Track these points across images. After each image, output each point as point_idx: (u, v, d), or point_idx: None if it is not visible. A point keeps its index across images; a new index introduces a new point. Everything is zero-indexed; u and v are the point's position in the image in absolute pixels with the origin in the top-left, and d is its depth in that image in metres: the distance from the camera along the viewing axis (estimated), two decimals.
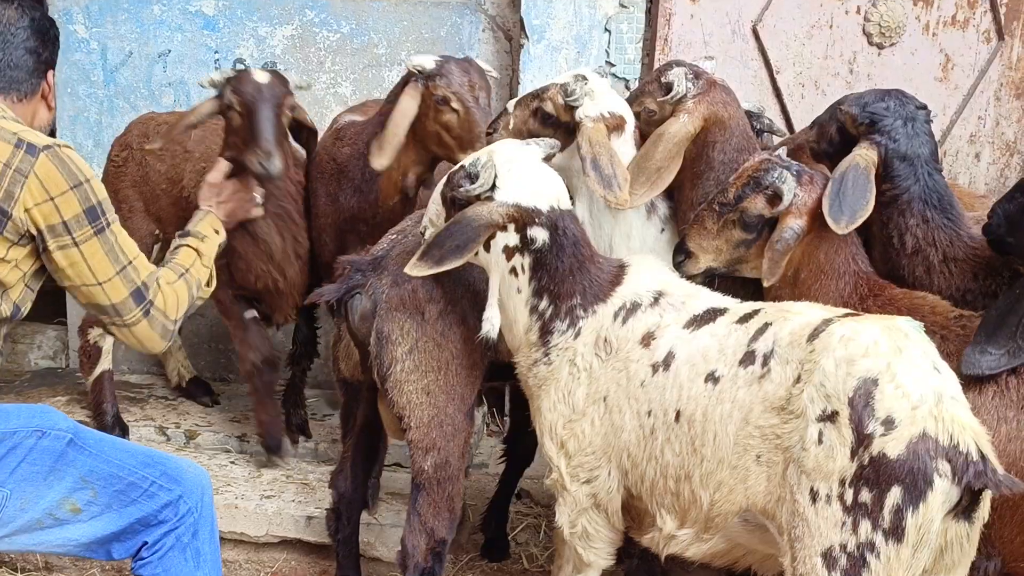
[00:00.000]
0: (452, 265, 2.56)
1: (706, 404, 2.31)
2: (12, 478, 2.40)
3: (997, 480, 2.03)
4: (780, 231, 2.64)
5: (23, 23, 2.63)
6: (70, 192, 2.43)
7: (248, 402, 4.41)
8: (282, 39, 4.34)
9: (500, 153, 2.63)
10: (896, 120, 2.89)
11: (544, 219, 2.56)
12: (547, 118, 3.02)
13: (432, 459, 2.89)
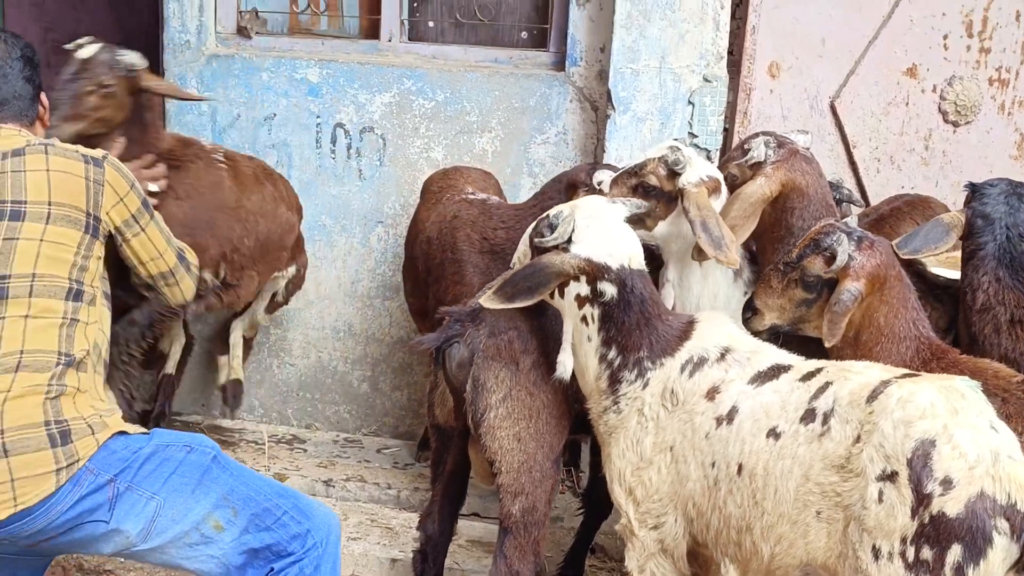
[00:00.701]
0: (522, 303, 2.79)
1: (767, 459, 2.42)
2: (165, 488, 2.57)
3: None
4: (838, 293, 2.75)
5: (15, 55, 2.91)
6: (131, 191, 2.89)
7: (334, 449, 4.63)
8: (380, 105, 4.59)
9: (583, 208, 2.83)
10: (994, 189, 3.07)
11: (613, 275, 2.74)
12: (649, 190, 3.19)
13: (520, 503, 3.02)
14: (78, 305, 2.70)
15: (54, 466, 2.48)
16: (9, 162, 2.71)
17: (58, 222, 2.71)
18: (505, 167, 4.55)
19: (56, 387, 2.56)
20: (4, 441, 2.47)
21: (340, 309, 4.80)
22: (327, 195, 4.71)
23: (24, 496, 2.47)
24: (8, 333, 2.59)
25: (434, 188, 4.14)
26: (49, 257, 2.68)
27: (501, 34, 4.76)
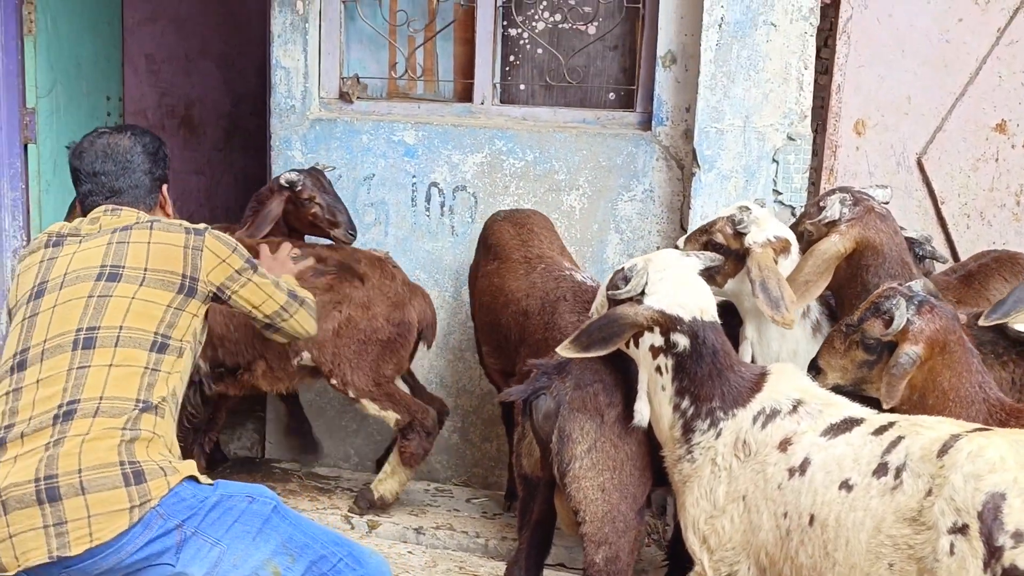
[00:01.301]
0: (597, 353, 2.91)
1: (839, 510, 2.46)
2: (228, 535, 2.72)
3: None
4: (896, 356, 2.78)
5: (137, 150, 3.24)
6: (233, 254, 3.20)
7: (425, 498, 4.76)
8: (472, 165, 4.78)
9: (656, 262, 2.94)
10: None
11: (686, 327, 2.84)
12: (718, 248, 3.28)
13: (604, 553, 3.10)
14: (161, 356, 2.92)
15: (128, 504, 2.65)
16: (118, 235, 3.05)
17: (151, 284, 2.98)
18: (592, 223, 4.68)
19: (131, 431, 2.75)
20: (82, 480, 2.65)
21: (432, 361, 4.95)
22: (421, 251, 4.89)
23: (100, 532, 2.63)
24: (91, 380, 2.81)
25: (516, 256, 4.14)
26: (138, 313, 2.93)
27: (590, 95, 4.92)
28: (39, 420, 2.76)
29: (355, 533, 4.43)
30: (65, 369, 2.84)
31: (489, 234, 4.33)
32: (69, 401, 2.78)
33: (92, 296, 2.94)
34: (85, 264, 3.01)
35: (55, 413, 2.76)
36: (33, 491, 2.67)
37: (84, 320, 2.91)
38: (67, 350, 2.87)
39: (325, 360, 4.28)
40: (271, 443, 5.20)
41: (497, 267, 4.21)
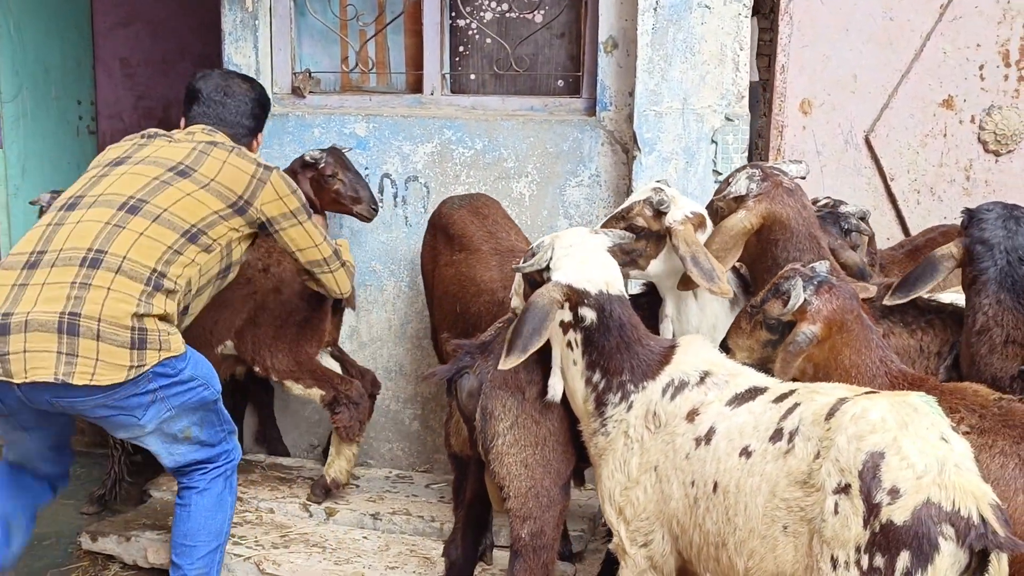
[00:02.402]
0: (536, 347, 2.88)
1: (739, 477, 2.51)
2: (179, 406, 3.39)
3: (999, 541, 2.16)
4: (794, 334, 2.82)
5: (252, 95, 3.87)
6: (292, 195, 3.67)
7: (385, 484, 4.82)
8: (423, 156, 4.83)
9: (564, 238, 2.99)
10: (991, 214, 3.12)
11: (592, 301, 2.88)
12: (638, 232, 3.32)
13: (528, 527, 3.15)
14: (189, 244, 3.41)
15: (128, 363, 3.20)
16: (203, 146, 3.59)
17: (211, 191, 3.50)
18: (542, 209, 4.74)
19: (145, 304, 3.26)
20: (99, 328, 3.18)
21: (391, 350, 5.02)
22: (376, 242, 4.96)
23: (100, 376, 3.17)
24: (121, 239, 3.30)
25: (486, 248, 4.18)
26: (186, 207, 3.43)
27: (538, 83, 4.97)
28: (69, 255, 3.27)
29: (312, 521, 4.49)
30: (104, 221, 3.33)
31: (449, 223, 4.37)
32: (98, 249, 3.28)
33: (157, 179, 3.45)
34: (166, 156, 3.54)
35: (84, 256, 3.26)
36: (56, 320, 3.17)
37: (140, 192, 3.41)
38: (113, 208, 3.37)
39: (245, 349, 4.40)
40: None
41: (465, 257, 4.25)
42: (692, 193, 4.33)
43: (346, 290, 3.98)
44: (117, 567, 4.29)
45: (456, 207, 4.40)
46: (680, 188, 4.33)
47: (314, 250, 3.76)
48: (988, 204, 3.19)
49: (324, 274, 3.85)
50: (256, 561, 4.08)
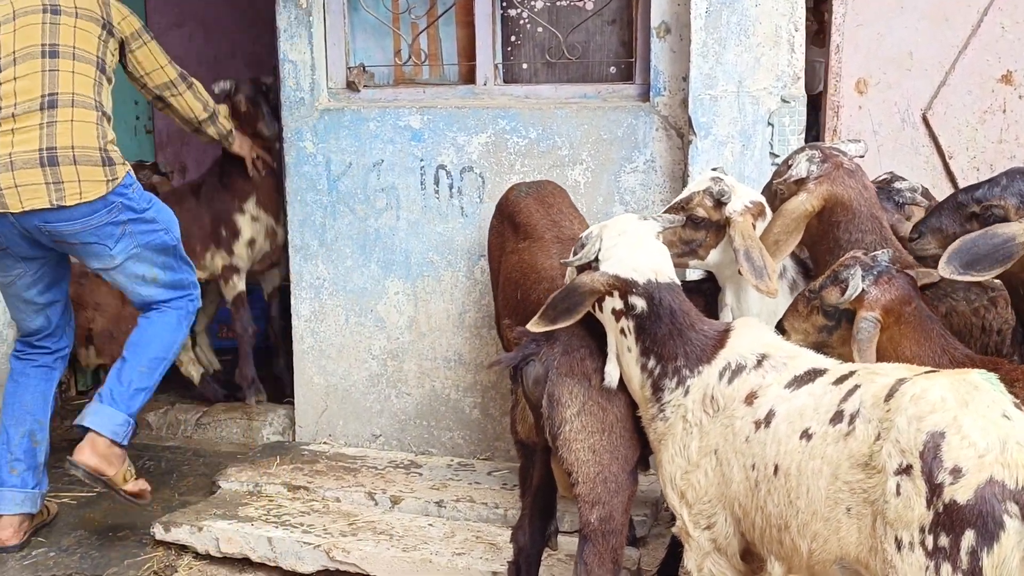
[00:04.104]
0: (565, 323, 3.02)
1: (800, 459, 2.52)
2: (144, 245, 4.15)
3: None
4: (856, 323, 2.83)
5: None
6: (131, 15, 4.29)
7: (448, 472, 4.88)
8: (478, 146, 4.87)
9: (611, 227, 3.02)
10: None
11: (641, 290, 2.92)
12: (699, 222, 3.33)
13: (597, 513, 3.18)
14: (102, 75, 4.11)
15: (104, 178, 3.96)
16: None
17: (84, 18, 4.09)
18: (597, 196, 4.75)
19: (100, 129, 4.01)
20: (74, 154, 3.91)
21: (450, 340, 5.07)
22: (433, 233, 5.00)
23: (87, 192, 3.92)
24: (63, 79, 3.96)
25: (548, 236, 4.15)
26: (82, 39, 4.05)
27: (591, 71, 4.97)
28: (26, 105, 3.91)
29: (378, 509, 4.57)
30: (39, 70, 3.95)
31: (515, 211, 4.40)
32: (50, 93, 3.93)
33: (45, 23, 4.01)
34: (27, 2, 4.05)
35: (40, 102, 3.92)
36: (38, 157, 3.87)
37: (44, 37, 3.99)
38: (37, 57, 3.97)
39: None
40: (301, 427, 5.36)
41: (528, 246, 4.28)
42: (749, 177, 4.32)
43: (200, 114, 4.67)
44: (190, 557, 4.39)
45: (523, 195, 4.42)
46: (737, 172, 4.33)
47: (160, 72, 4.38)
48: None
49: (174, 97, 4.49)
50: (325, 549, 4.15)
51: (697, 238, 3.31)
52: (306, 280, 5.21)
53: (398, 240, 5.05)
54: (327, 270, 5.17)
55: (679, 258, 3.42)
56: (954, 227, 2.84)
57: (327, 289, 5.18)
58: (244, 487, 4.77)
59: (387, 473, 4.89)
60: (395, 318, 5.11)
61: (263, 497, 4.68)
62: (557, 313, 3.01)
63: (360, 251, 5.11)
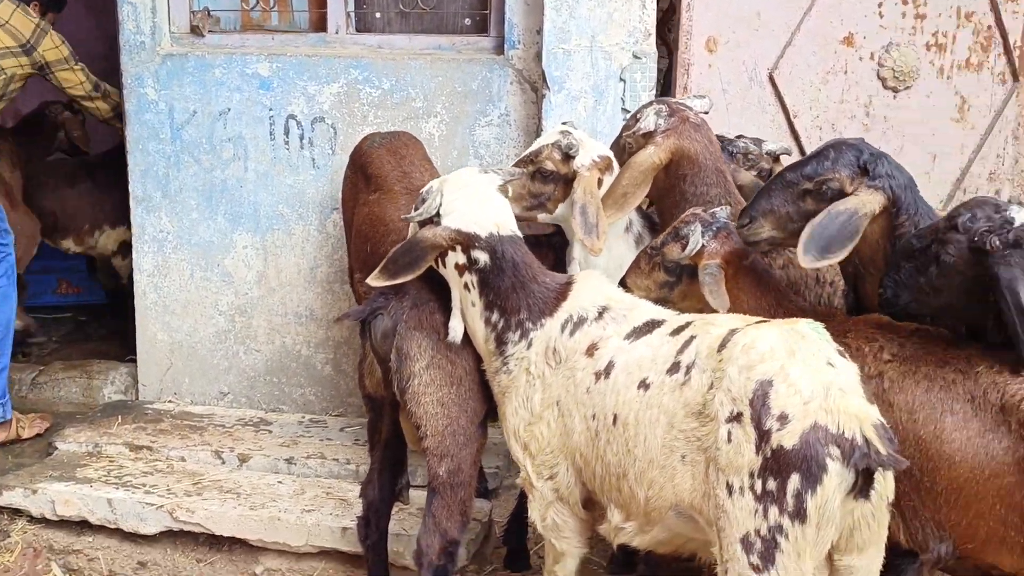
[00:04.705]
0: (406, 278, 3.01)
1: (638, 409, 2.58)
2: None
3: (881, 460, 2.26)
4: (701, 273, 2.91)
5: None
6: (63, 44, 4.96)
7: (299, 430, 4.80)
8: (329, 96, 4.75)
9: (452, 181, 3.00)
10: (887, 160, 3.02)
11: (483, 243, 2.92)
12: (548, 176, 3.33)
13: (446, 465, 3.18)
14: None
15: None
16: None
17: (4, 30, 4.72)
18: (452, 150, 4.70)
19: None
20: None
21: (301, 295, 4.96)
22: (283, 185, 4.87)
23: None
24: None
25: (398, 188, 4.10)
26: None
27: (445, 21, 4.90)
28: None
29: (225, 468, 4.46)
30: None
31: (367, 163, 4.30)
32: None
33: None
34: None
35: None
36: None
37: None
38: None
39: None
40: (144, 385, 5.18)
41: (379, 198, 4.20)
42: (602, 132, 4.34)
43: (105, 115, 5.21)
44: (24, 521, 4.20)
45: (375, 145, 4.34)
46: (589, 127, 4.35)
47: (79, 87, 5.04)
48: (878, 151, 3.03)
49: (87, 102, 5.14)
50: (169, 509, 4.04)
51: (546, 192, 3.31)
52: (148, 233, 5.01)
53: (246, 192, 4.89)
54: (171, 223, 4.97)
55: (528, 211, 3.42)
56: (787, 207, 2.85)
57: (171, 243, 4.99)
58: (83, 448, 4.58)
59: (235, 431, 4.77)
60: (243, 273, 4.97)
61: (103, 458, 4.50)
62: (398, 267, 2.98)
63: (206, 203, 4.93)
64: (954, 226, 2.58)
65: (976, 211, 2.59)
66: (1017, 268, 2.49)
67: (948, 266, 2.59)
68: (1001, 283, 2.48)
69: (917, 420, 2.60)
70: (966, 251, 2.55)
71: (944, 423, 2.54)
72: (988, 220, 2.55)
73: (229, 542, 4.02)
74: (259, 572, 3.99)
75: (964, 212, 2.60)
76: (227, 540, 4.01)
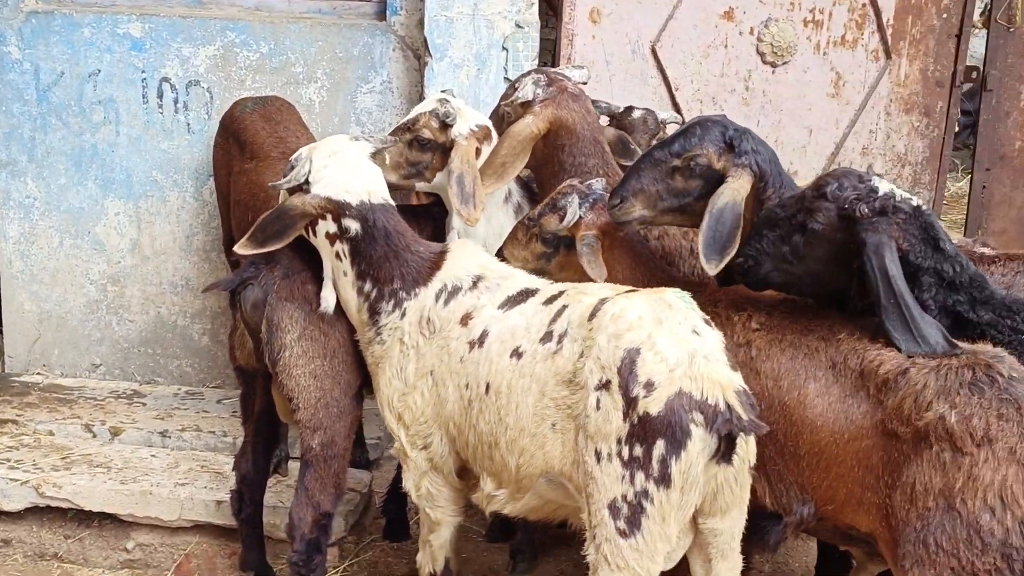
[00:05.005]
0: (274, 247, 2.96)
1: (511, 378, 2.60)
2: None
3: (742, 425, 2.32)
4: (578, 244, 2.93)
5: None
6: None
7: (174, 402, 4.68)
8: (205, 59, 4.60)
9: (322, 148, 2.96)
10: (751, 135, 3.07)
11: (354, 212, 2.88)
12: (425, 144, 3.29)
13: (319, 438, 3.14)
14: None
15: None
16: None
17: None
18: (333, 116, 4.62)
19: None
20: None
21: (177, 264, 4.83)
22: (157, 150, 4.71)
23: None
24: None
25: (275, 154, 4.00)
26: None
27: None
28: None
29: (96, 441, 4.33)
30: None
31: (241, 129, 4.19)
32: None
33: None
34: None
35: None
36: None
37: None
38: None
39: None
40: (11, 357, 4.98)
41: (255, 166, 4.10)
42: (484, 101, 4.31)
43: None
44: None
45: (248, 111, 4.23)
46: (472, 96, 4.32)
47: None
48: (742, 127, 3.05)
49: None
50: (35, 485, 3.90)
51: (424, 160, 3.28)
52: (14, 199, 4.80)
53: (118, 157, 4.72)
54: (38, 188, 4.77)
55: (406, 180, 3.38)
56: (656, 185, 2.88)
57: (38, 209, 4.79)
58: None
59: (107, 404, 4.63)
60: (116, 241, 4.80)
61: None
62: (267, 236, 2.92)
63: (75, 168, 4.74)
64: (823, 195, 2.65)
65: (843, 180, 2.66)
66: (884, 234, 2.58)
67: (816, 233, 2.65)
68: (868, 247, 2.55)
69: (782, 387, 2.66)
70: (835, 218, 2.62)
71: (807, 389, 2.60)
72: (855, 189, 2.63)
73: (99, 518, 3.90)
74: (130, 548, 3.89)
75: (832, 182, 2.66)
76: (97, 516, 3.90)
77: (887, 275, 2.54)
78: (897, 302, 2.52)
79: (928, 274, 2.66)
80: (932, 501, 2.36)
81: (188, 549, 3.83)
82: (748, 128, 2.99)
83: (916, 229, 2.64)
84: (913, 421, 2.40)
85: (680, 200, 2.87)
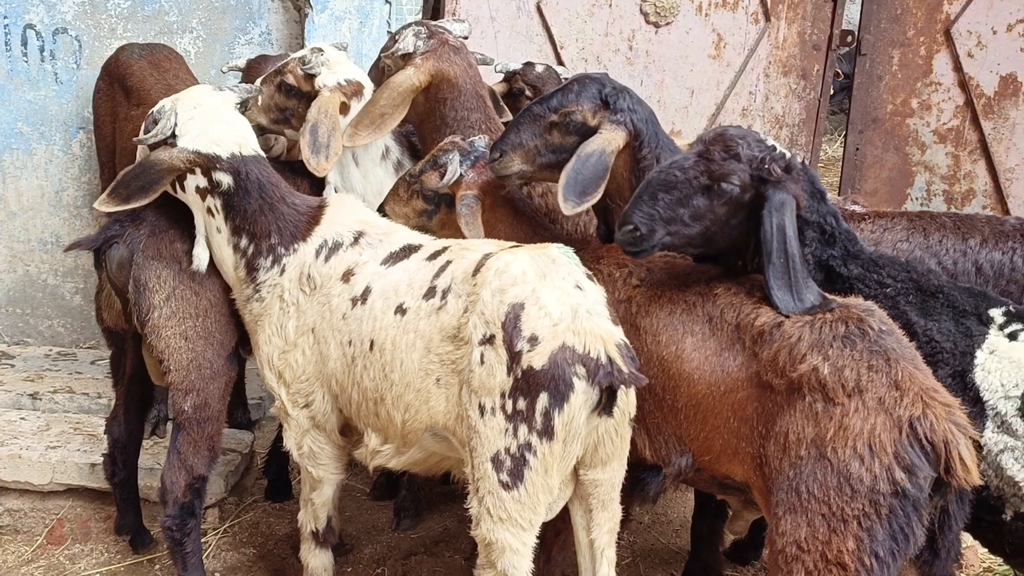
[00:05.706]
0: (139, 203, 2.83)
1: (395, 334, 2.57)
2: None
3: (623, 378, 2.35)
4: (458, 203, 2.90)
5: None
6: None
7: (45, 363, 4.51)
8: (72, 5, 4.40)
9: (185, 100, 2.85)
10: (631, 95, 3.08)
11: (225, 164, 2.80)
12: (290, 90, 3.22)
13: (191, 400, 3.04)
14: None
15: None
16: None
17: None
18: (210, 68, 4.47)
19: None
20: None
21: (45, 220, 4.64)
22: (22, 101, 4.50)
23: None
24: None
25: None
26: None
27: None
28: None
29: None
30: None
31: (127, 74, 4.03)
32: None
33: None
34: None
35: None
36: None
37: None
38: None
39: None
40: None
41: (143, 113, 3.94)
42: (367, 55, 4.24)
43: None
44: None
45: (135, 56, 4.08)
46: (354, 49, 4.24)
47: None
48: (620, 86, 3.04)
49: None
50: None
51: (290, 107, 3.21)
52: None
53: None
54: None
55: (275, 124, 3.32)
56: (535, 140, 2.87)
57: None
58: None
59: None
60: None
61: None
62: (131, 192, 2.80)
63: None
64: (735, 155, 2.61)
65: (748, 140, 2.64)
66: (788, 192, 2.59)
67: (726, 194, 2.61)
68: (772, 204, 2.55)
69: (661, 341, 2.68)
70: (748, 179, 2.60)
71: (685, 343, 2.64)
72: (762, 149, 2.63)
73: None
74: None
75: (739, 142, 2.64)
76: None
77: (784, 233, 2.55)
78: (787, 261, 2.55)
79: (812, 228, 2.71)
80: (804, 450, 2.41)
81: (60, 514, 3.70)
82: (628, 87, 2.99)
83: (807, 184, 2.68)
84: (787, 373, 2.45)
85: (557, 156, 2.86)
